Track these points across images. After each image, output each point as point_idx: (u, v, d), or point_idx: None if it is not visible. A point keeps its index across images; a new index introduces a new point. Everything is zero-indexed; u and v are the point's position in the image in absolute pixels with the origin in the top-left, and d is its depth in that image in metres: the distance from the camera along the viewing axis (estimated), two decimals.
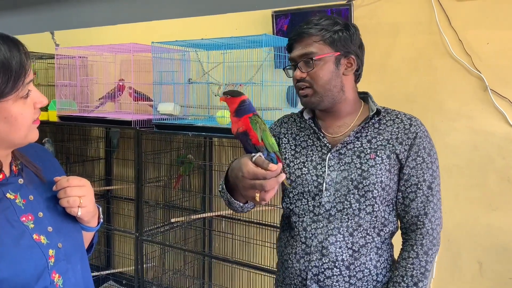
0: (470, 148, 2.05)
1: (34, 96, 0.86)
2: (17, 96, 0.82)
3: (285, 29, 2.39)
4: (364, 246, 1.21)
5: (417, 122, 1.23)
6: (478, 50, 2.00)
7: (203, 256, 2.88)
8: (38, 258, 0.86)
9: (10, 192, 0.89)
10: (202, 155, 2.83)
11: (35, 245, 0.87)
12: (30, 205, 0.91)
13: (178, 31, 2.87)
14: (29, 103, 0.85)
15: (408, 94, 2.16)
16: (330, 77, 1.20)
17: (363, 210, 1.20)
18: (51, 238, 0.90)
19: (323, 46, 1.20)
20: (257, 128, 1.01)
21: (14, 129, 0.84)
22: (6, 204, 0.87)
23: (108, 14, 3.29)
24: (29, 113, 0.85)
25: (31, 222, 0.89)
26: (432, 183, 1.21)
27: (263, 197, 0.96)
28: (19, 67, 0.81)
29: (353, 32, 1.22)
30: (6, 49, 0.80)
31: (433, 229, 1.21)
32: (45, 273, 0.87)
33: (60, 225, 0.93)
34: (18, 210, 0.88)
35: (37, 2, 3.72)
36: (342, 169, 1.22)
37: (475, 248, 2.07)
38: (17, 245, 0.84)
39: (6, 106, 0.81)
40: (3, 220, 0.84)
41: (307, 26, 1.21)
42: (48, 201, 0.95)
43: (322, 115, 1.31)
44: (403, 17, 2.16)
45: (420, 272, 1.19)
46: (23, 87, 0.82)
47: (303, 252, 1.23)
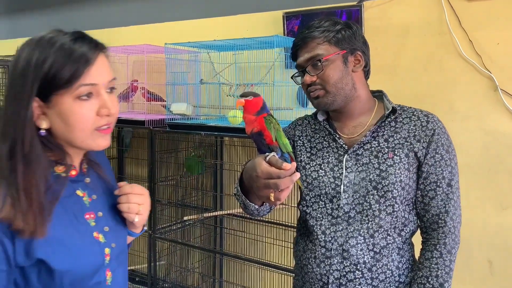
0: (480, 148, 2.06)
1: (100, 101, 0.86)
2: (72, 95, 0.83)
3: (296, 30, 2.41)
4: (386, 247, 1.18)
5: (434, 119, 1.22)
6: (489, 50, 2.01)
7: (215, 254, 2.92)
8: (97, 254, 0.91)
9: (80, 189, 0.93)
10: (213, 154, 2.86)
11: (95, 242, 0.91)
12: (93, 204, 0.95)
13: (190, 32, 2.91)
14: (88, 107, 0.85)
15: (418, 94, 2.17)
16: (340, 75, 1.20)
17: (383, 210, 1.18)
18: (107, 237, 0.94)
19: (328, 47, 1.19)
20: (271, 128, 1.02)
21: (68, 128, 0.85)
22: (75, 200, 0.92)
23: (121, 16, 3.34)
24: (85, 116, 0.85)
25: (92, 220, 0.93)
26: (452, 180, 1.19)
27: (278, 197, 0.96)
28: (76, 66, 0.83)
29: (355, 29, 1.22)
30: (80, 44, 0.84)
31: (454, 227, 1.19)
32: (100, 270, 0.91)
33: (114, 226, 0.98)
34: (84, 207, 0.93)
35: (51, 4, 3.78)
36: (360, 170, 1.20)
37: (486, 247, 2.08)
38: (81, 240, 0.89)
39: (60, 101, 0.83)
40: (71, 215, 0.89)
41: (309, 30, 1.22)
42: (106, 202, 0.99)
43: (336, 116, 1.29)
44: (413, 18, 2.17)
45: (445, 272, 1.17)
46: (77, 86, 0.83)
47: (323, 256, 1.20)
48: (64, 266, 0.84)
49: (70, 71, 0.82)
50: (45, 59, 0.82)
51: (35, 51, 0.83)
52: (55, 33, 0.86)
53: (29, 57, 0.83)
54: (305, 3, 2.43)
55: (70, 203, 0.90)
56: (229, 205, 2.86)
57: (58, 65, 0.82)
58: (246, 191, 1.15)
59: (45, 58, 0.82)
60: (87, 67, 0.84)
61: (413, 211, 1.24)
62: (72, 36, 0.85)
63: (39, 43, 0.84)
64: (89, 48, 0.85)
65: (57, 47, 0.83)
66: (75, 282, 0.86)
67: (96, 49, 0.87)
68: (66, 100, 0.83)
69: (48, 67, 0.82)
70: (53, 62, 0.82)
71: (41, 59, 0.82)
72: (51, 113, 0.85)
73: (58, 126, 0.86)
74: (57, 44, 0.83)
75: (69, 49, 0.83)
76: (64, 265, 0.84)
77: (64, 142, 0.89)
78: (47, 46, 0.83)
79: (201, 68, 2.74)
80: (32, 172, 0.83)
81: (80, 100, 0.84)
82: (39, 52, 0.83)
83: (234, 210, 2.72)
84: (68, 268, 0.85)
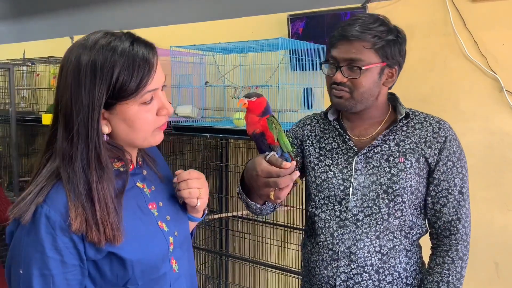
0: (486, 149, 2.06)
1: (159, 103, 0.89)
2: (137, 102, 0.85)
3: (301, 32, 2.42)
4: (393, 249, 1.18)
5: (446, 126, 1.21)
6: (494, 51, 2.01)
7: (220, 256, 2.92)
8: (163, 243, 0.93)
9: (139, 181, 0.96)
10: (218, 156, 2.87)
11: (159, 231, 0.93)
12: (153, 194, 0.97)
13: (195, 35, 2.92)
14: (150, 109, 0.87)
15: (424, 95, 2.17)
16: (371, 86, 1.17)
17: (392, 214, 1.18)
18: (170, 226, 0.96)
19: (372, 55, 1.14)
20: (273, 128, 1.03)
21: (132, 131, 0.87)
22: (137, 191, 0.94)
23: (126, 19, 3.36)
24: (149, 118, 0.87)
25: (155, 210, 0.95)
26: (463, 187, 1.19)
27: (278, 195, 0.97)
28: (143, 75, 0.83)
29: (403, 42, 1.19)
30: (139, 48, 0.84)
31: (466, 234, 1.19)
32: (166, 259, 0.93)
33: (175, 215, 1.00)
34: (146, 198, 0.95)
35: (57, 8, 3.81)
36: (370, 173, 1.19)
37: (491, 248, 2.07)
38: (147, 230, 0.91)
39: (125, 108, 0.84)
40: (135, 206, 0.91)
41: (361, 28, 1.13)
42: (163, 192, 1.01)
43: (348, 116, 1.28)
44: (417, 19, 2.18)
45: (456, 278, 1.16)
46: (143, 94, 0.84)
47: (331, 259, 1.20)
48: (134, 256, 0.86)
49: (136, 81, 0.83)
50: (111, 68, 0.81)
51: (98, 57, 0.81)
52: (110, 36, 0.85)
53: (93, 65, 0.81)
54: (309, 6, 2.43)
55: (133, 195, 0.92)
56: (235, 207, 2.86)
57: (125, 75, 0.82)
58: (248, 190, 1.16)
59: (112, 67, 0.81)
60: (151, 74, 0.85)
61: (421, 216, 1.24)
62: (130, 39, 0.85)
63: (96, 47, 0.82)
64: (147, 51, 0.86)
65: (119, 53, 0.82)
66: (145, 271, 0.88)
67: (153, 52, 0.87)
68: (131, 107, 0.85)
69: (116, 77, 0.81)
70: (120, 72, 0.81)
71: (107, 68, 0.81)
72: (113, 118, 0.86)
73: (120, 130, 0.87)
74: (119, 49, 0.83)
75: (132, 56, 0.83)
76: (134, 255, 0.86)
77: (124, 142, 0.90)
78: (109, 51, 0.82)
79: (206, 70, 2.75)
80: (103, 181, 0.84)
81: (144, 105, 0.86)
82: (102, 59, 0.81)
83: (240, 212, 2.73)
84: (138, 258, 0.87)
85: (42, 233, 0.79)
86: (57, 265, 0.80)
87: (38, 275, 0.79)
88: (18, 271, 0.81)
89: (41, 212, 0.79)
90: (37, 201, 0.80)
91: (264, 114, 1.04)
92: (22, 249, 0.81)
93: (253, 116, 1.04)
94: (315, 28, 2.38)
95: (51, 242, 0.79)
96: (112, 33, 0.86)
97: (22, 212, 0.80)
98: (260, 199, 1.14)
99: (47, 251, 0.79)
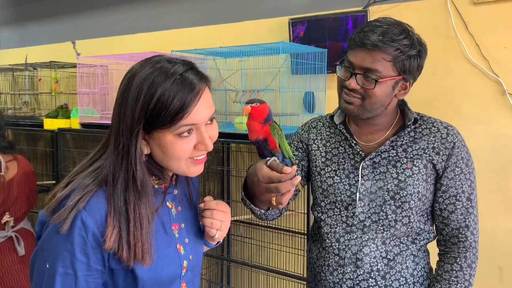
0: (489, 153, 2.05)
1: (199, 138, 0.88)
2: (172, 132, 0.85)
3: (302, 35, 2.42)
4: (399, 254, 1.17)
5: (454, 132, 1.19)
6: (496, 54, 2.00)
7: (222, 260, 2.91)
8: (176, 266, 0.93)
9: (170, 201, 0.96)
10: (220, 160, 2.87)
11: (177, 254, 0.94)
12: (178, 215, 0.97)
13: (196, 39, 2.92)
14: (187, 141, 0.87)
15: (426, 99, 2.16)
16: (383, 98, 1.14)
17: (400, 221, 1.16)
18: (187, 249, 0.96)
19: (390, 68, 1.11)
20: (275, 134, 1.03)
21: (166, 158, 0.88)
22: (165, 211, 0.94)
23: (128, 24, 3.36)
24: (185, 150, 0.87)
25: (176, 232, 0.95)
26: (471, 194, 1.18)
27: (280, 201, 0.96)
28: (180, 108, 0.83)
29: (423, 58, 1.16)
30: (180, 88, 0.84)
31: (475, 241, 1.18)
32: (177, 281, 0.94)
33: (194, 239, 1.00)
34: (172, 218, 0.95)
35: (59, 13, 3.82)
36: (377, 179, 1.18)
37: (495, 253, 2.06)
38: (166, 251, 0.91)
39: (160, 135, 0.85)
40: (159, 225, 0.91)
41: (384, 38, 1.09)
42: (188, 214, 1.01)
43: (355, 121, 1.26)
44: (419, 23, 2.17)
45: (464, 286, 1.15)
46: (178, 126, 0.84)
47: (337, 265, 1.19)
48: (147, 275, 0.87)
49: (176, 106, 0.83)
50: (155, 88, 0.82)
51: (148, 77, 0.83)
52: (167, 62, 0.86)
53: (141, 83, 0.83)
54: (311, 10, 2.43)
55: (161, 214, 0.92)
56: (236, 211, 2.86)
57: (166, 96, 0.82)
58: (251, 196, 1.14)
59: (156, 87, 0.82)
60: (193, 103, 0.84)
61: (429, 221, 1.22)
62: (186, 66, 0.86)
63: (150, 69, 0.84)
64: (198, 79, 0.86)
65: (168, 76, 0.83)
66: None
67: (204, 82, 0.87)
68: (168, 136, 0.85)
69: (157, 98, 0.82)
70: (162, 93, 0.82)
71: (151, 87, 0.82)
72: (151, 141, 0.87)
73: (157, 154, 0.88)
74: (169, 72, 0.84)
75: (180, 80, 0.84)
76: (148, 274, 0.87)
77: (160, 165, 0.91)
78: (160, 74, 0.84)
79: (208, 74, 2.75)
80: (141, 202, 0.85)
81: (180, 137, 0.86)
82: (151, 78, 0.83)
83: (242, 216, 2.72)
84: (151, 277, 0.88)
85: (75, 235, 0.81)
86: (82, 267, 0.82)
87: (62, 273, 0.81)
88: (45, 264, 0.83)
89: (77, 216, 0.82)
90: (78, 208, 0.82)
91: (266, 121, 1.03)
92: (52, 244, 0.83)
93: (256, 123, 1.03)
94: (316, 31, 2.38)
95: (81, 245, 0.82)
96: (171, 59, 0.88)
97: (61, 219, 0.82)
98: (263, 204, 1.13)
99: (76, 252, 0.81)
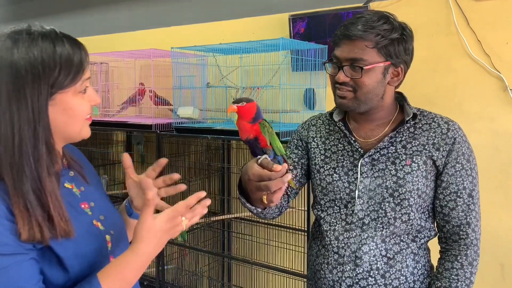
0: (491, 150, 2.03)
1: (90, 93, 0.92)
2: (76, 90, 0.88)
3: (302, 32, 2.41)
4: (399, 253, 1.16)
5: (455, 127, 1.17)
6: (498, 50, 1.99)
7: (223, 258, 2.91)
8: (101, 241, 0.93)
9: (67, 182, 0.95)
10: (220, 157, 2.86)
11: (96, 229, 0.93)
12: (84, 194, 0.97)
13: (196, 36, 2.91)
14: (86, 99, 0.91)
15: (428, 95, 2.15)
16: (375, 86, 1.13)
17: (399, 218, 1.15)
18: (105, 225, 0.96)
19: (375, 54, 1.10)
20: (266, 132, 1.02)
21: (71, 121, 0.88)
22: (67, 191, 0.93)
23: (128, 21, 3.36)
24: (86, 107, 0.90)
25: (88, 210, 0.95)
26: (473, 190, 1.16)
27: (270, 199, 0.96)
28: (79, 63, 0.87)
29: (409, 41, 1.14)
30: (69, 46, 0.86)
31: (476, 239, 1.16)
32: (105, 258, 0.93)
33: (108, 214, 0.99)
34: (77, 198, 0.95)
35: (59, 10, 3.82)
36: (376, 176, 1.16)
37: (497, 250, 2.05)
38: (83, 228, 0.90)
39: (65, 97, 0.86)
40: (68, 206, 0.89)
41: (363, 27, 1.09)
42: (93, 193, 1.01)
43: (354, 117, 1.25)
44: (420, 19, 2.16)
45: (465, 284, 1.13)
46: (81, 82, 0.88)
47: (336, 263, 1.18)
48: (72, 252, 0.85)
49: (74, 76, 0.86)
50: (47, 59, 0.83)
51: (30, 50, 0.83)
52: (27, 29, 0.87)
53: (28, 58, 0.82)
54: (311, 6, 2.42)
55: (64, 194, 0.90)
56: (237, 208, 2.85)
57: (63, 75, 0.84)
58: (247, 195, 1.13)
59: (48, 58, 0.83)
60: (85, 68, 0.89)
61: (430, 219, 1.21)
62: (69, 43, 0.88)
63: (19, 40, 0.83)
64: (80, 50, 0.89)
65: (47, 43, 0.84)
66: (84, 270, 0.87)
67: (84, 49, 0.91)
68: (71, 96, 0.87)
69: (54, 64, 0.83)
70: (58, 59, 0.84)
71: (40, 59, 0.82)
72: (52, 110, 0.86)
73: (58, 122, 0.87)
74: (45, 39, 0.85)
75: (70, 59, 0.86)
76: (72, 251, 0.85)
77: (56, 137, 0.90)
78: (37, 42, 0.84)
79: (208, 71, 2.74)
80: (52, 175, 0.85)
81: (81, 93, 0.89)
82: (36, 51, 0.83)
83: (242, 214, 2.72)
84: (78, 253, 0.86)
85: None
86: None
87: None
88: None
89: None
90: None
91: (255, 120, 1.02)
92: None
93: (245, 123, 1.02)
94: (316, 28, 2.36)
95: None
96: (22, 29, 0.87)
97: None
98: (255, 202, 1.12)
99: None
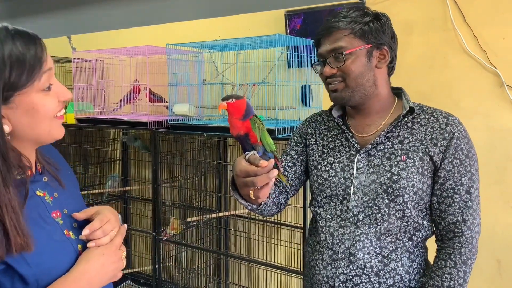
0: (488, 146, 2.03)
1: (57, 89, 0.86)
2: (37, 88, 0.82)
3: (298, 28, 2.40)
4: (394, 251, 1.14)
5: (454, 121, 1.15)
6: (494, 46, 1.98)
7: (220, 255, 2.90)
8: (71, 252, 0.89)
9: (39, 189, 0.91)
10: (216, 155, 2.85)
11: (66, 240, 0.90)
12: (56, 202, 0.93)
13: (192, 33, 2.90)
14: (51, 96, 0.85)
15: (424, 92, 2.14)
16: (362, 70, 1.14)
17: (393, 215, 1.13)
18: (77, 233, 0.93)
19: (353, 40, 1.13)
20: (256, 128, 1.02)
21: (36, 122, 0.83)
22: (37, 200, 0.89)
23: (123, 18, 3.34)
24: (52, 105, 0.84)
25: (59, 218, 0.92)
26: (471, 187, 1.14)
27: (257, 195, 0.96)
28: (34, 59, 0.81)
29: (384, 22, 1.16)
30: (21, 43, 0.80)
31: (472, 237, 1.13)
32: None
33: (82, 222, 0.96)
34: (48, 206, 0.90)
35: (54, 7, 3.79)
36: (371, 172, 1.15)
37: (494, 246, 2.05)
38: (52, 240, 0.87)
39: (26, 98, 0.81)
40: (36, 217, 0.86)
41: (335, 19, 1.15)
42: (68, 198, 0.97)
43: (352, 113, 1.24)
44: (416, 15, 2.15)
45: (458, 283, 1.11)
46: (40, 78, 0.82)
47: (330, 259, 1.18)
48: (39, 269, 0.81)
49: (29, 73, 0.80)
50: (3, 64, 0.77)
51: None
52: None
53: None
54: (307, 2, 2.41)
55: (33, 205, 0.86)
56: (233, 206, 2.85)
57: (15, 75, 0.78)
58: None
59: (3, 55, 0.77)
60: (43, 63, 0.82)
61: (427, 217, 1.19)
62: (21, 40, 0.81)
63: None
64: (35, 45, 0.82)
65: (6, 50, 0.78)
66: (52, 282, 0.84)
67: (40, 43, 0.84)
68: (34, 95, 0.81)
69: (3, 66, 0.77)
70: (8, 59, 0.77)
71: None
72: (13, 114, 0.81)
73: (23, 124, 0.82)
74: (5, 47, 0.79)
75: (22, 58, 0.79)
76: (39, 269, 0.81)
77: (24, 141, 0.85)
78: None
79: (204, 68, 2.73)
80: (10, 185, 0.78)
81: (44, 90, 0.83)
82: None
83: (239, 211, 2.71)
84: (44, 271, 0.82)
85: None
86: None
87: None
88: None
89: None
90: None
91: (246, 116, 1.02)
92: None
93: (236, 120, 1.02)
94: (312, 24, 2.35)
95: None
96: None
97: None
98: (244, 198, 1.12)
99: None
